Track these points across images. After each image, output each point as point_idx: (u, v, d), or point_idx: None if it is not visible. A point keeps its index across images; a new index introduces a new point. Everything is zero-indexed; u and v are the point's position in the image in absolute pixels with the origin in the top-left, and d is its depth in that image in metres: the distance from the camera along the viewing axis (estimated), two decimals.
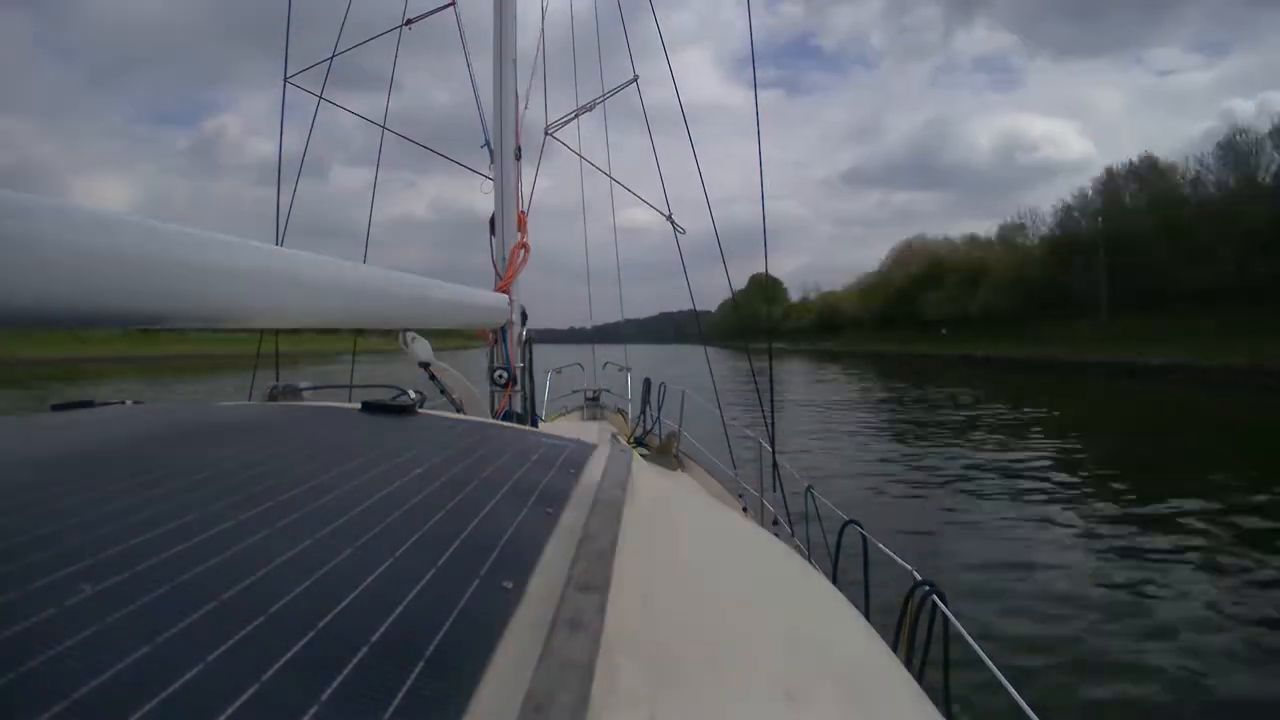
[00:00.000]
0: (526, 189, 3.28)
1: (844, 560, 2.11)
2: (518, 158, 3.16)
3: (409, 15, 3.83)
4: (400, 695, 0.35)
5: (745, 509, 3.29)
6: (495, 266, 2.99)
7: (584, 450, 1.02)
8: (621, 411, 5.74)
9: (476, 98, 3.25)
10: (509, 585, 0.50)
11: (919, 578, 1.56)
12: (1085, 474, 9.02)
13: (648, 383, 4.86)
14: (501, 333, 2.85)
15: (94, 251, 0.67)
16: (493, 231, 3.04)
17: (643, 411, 4.69)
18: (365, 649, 0.38)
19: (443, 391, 2.60)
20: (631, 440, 3.93)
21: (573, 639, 0.42)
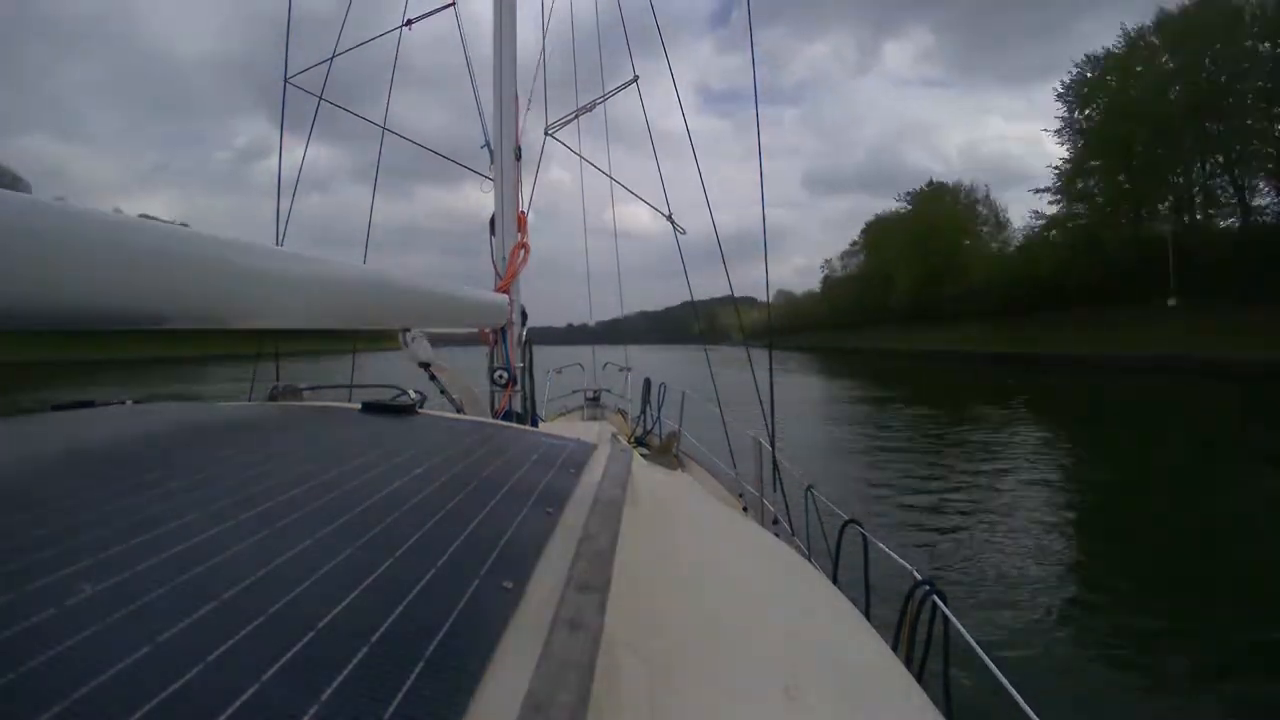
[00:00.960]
0: (526, 190, 3.29)
1: (844, 560, 2.11)
2: (518, 158, 3.16)
3: (409, 15, 3.84)
4: (400, 695, 0.35)
5: (745, 509, 3.28)
6: (495, 266, 2.99)
7: (584, 450, 1.02)
8: (622, 411, 5.74)
9: (476, 98, 3.25)
10: (509, 585, 0.50)
11: (919, 577, 1.56)
12: None
13: (648, 383, 4.86)
14: (501, 333, 2.85)
15: (94, 251, 0.67)
16: (493, 232, 3.04)
17: (643, 411, 4.70)
18: (365, 649, 0.38)
19: (443, 391, 2.61)
20: (632, 440, 3.93)
21: (573, 639, 0.41)
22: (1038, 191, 41.61)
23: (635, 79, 4.27)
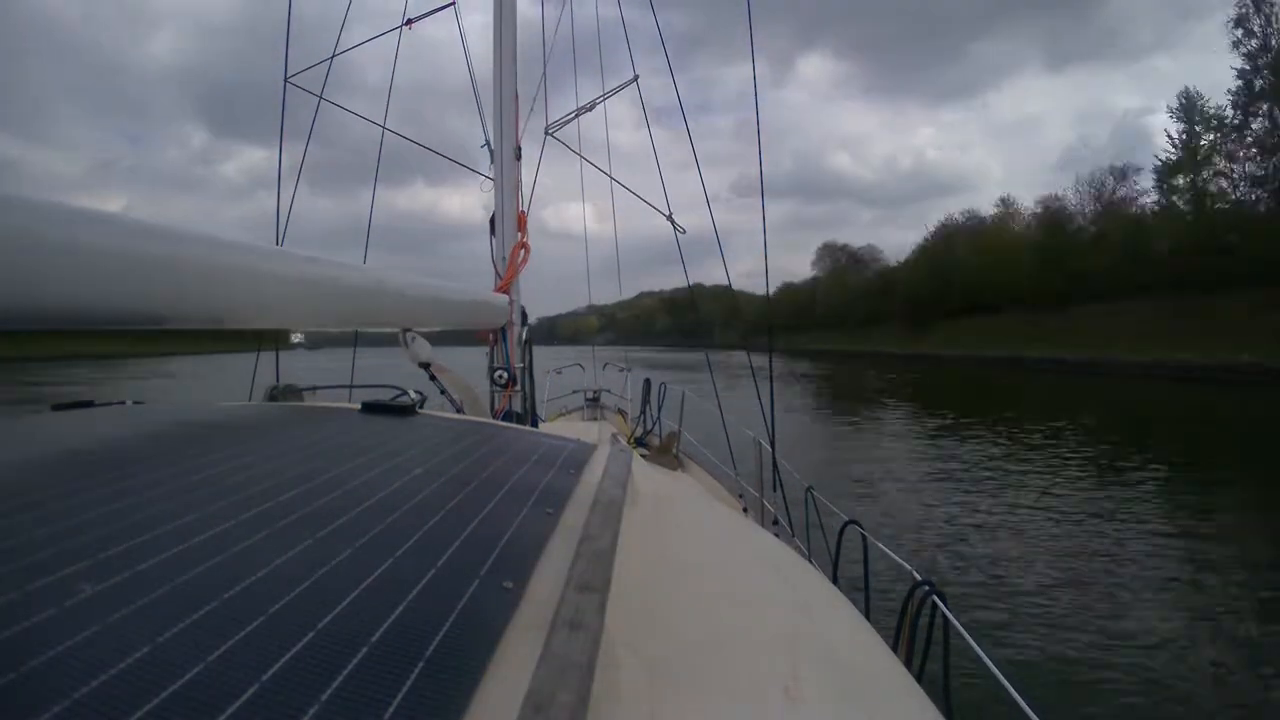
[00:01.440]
0: (526, 189, 3.29)
1: (844, 560, 2.11)
2: (518, 158, 3.16)
3: (409, 15, 3.84)
4: (400, 695, 0.35)
5: (745, 509, 3.28)
6: (495, 266, 2.99)
7: (584, 450, 1.02)
8: (622, 412, 5.74)
9: (476, 98, 3.26)
10: (509, 585, 0.50)
11: (919, 578, 1.56)
12: None
13: (648, 383, 4.86)
14: (501, 333, 2.84)
15: (94, 252, 0.67)
16: (493, 232, 3.04)
17: (643, 411, 4.69)
18: (365, 649, 0.38)
19: (443, 391, 2.60)
20: (632, 440, 3.93)
21: (573, 639, 0.42)
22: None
23: (635, 78, 4.28)
